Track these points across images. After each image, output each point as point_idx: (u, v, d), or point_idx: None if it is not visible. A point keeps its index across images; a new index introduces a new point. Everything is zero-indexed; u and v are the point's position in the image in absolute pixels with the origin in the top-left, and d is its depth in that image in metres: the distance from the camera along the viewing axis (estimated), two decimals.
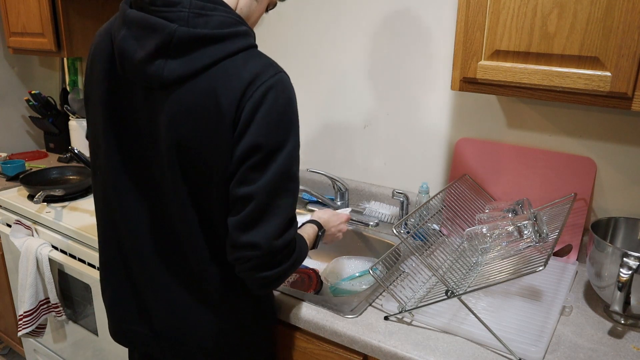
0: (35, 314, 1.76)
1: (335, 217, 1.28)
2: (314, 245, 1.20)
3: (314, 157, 1.84)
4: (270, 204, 0.87)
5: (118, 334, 1.13)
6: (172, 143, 0.89)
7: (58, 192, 1.81)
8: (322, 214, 1.27)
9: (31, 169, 2.14)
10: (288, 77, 0.90)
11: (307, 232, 1.15)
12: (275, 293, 1.22)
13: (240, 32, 0.88)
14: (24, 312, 1.73)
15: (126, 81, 0.92)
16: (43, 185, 1.92)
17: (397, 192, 1.56)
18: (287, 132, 0.88)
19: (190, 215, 0.94)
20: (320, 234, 1.20)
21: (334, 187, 1.67)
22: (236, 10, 0.93)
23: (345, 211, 1.39)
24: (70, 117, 2.31)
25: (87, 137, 1.07)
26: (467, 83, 1.16)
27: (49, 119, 2.37)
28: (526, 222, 1.11)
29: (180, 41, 0.83)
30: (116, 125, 0.97)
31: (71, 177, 2.08)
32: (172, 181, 0.93)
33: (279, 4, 1.22)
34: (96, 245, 1.57)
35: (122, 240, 1.04)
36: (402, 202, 1.57)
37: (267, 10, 1.05)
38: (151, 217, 0.99)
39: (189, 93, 0.85)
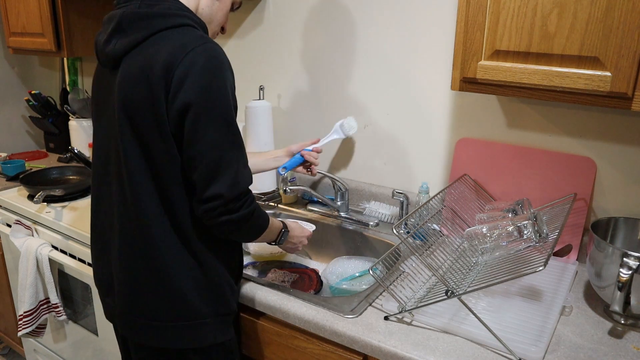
0: (35, 314, 1.76)
1: (300, 230, 1.34)
2: (276, 240, 1.25)
3: None
4: (221, 157, 0.99)
5: (104, 309, 1.23)
6: (120, 105, 1.01)
7: (58, 192, 1.81)
8: (290, 222, 1.33)
9: (31, 169, 2.14)
10: (219, 47, 1.00)
11: (272, 220, 1.20)
12: (275, 293, 1.22)
13: (180, 14, 1.02)
14: (24, 312, 1.73)
15: (103, 68, 1.10)
16: (43, 185, 1.92)
17: (397, 192, 1.56)
18: (219, 93, 0.98)
19: (143, 180, 1.04)
20: (283, 230, 1.26)
21: (334, 187, 1.67)
22: (198, 11, 1.08)
23: (310, 227, 1.44)
24: (70, 117, 2.31)
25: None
26: (467, 83, 1.16)
27: (49, 119, 2.37)
28: (526, 222, 1.11)
29: (127, 20, 1.00)
30: (99, 110, 1.13)
31: (71, 177, 2.08)
32: (123, 146, 1.03)
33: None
34: None
35: (102, 214, 1.16)
36: (402, 202, 1.57)
37: (232, 9, 1.19)
38: (119, 190, 1.08)
39: (133, 60, 1.00)
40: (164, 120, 0.98)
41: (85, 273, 1.62)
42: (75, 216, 1.73)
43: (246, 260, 1.56)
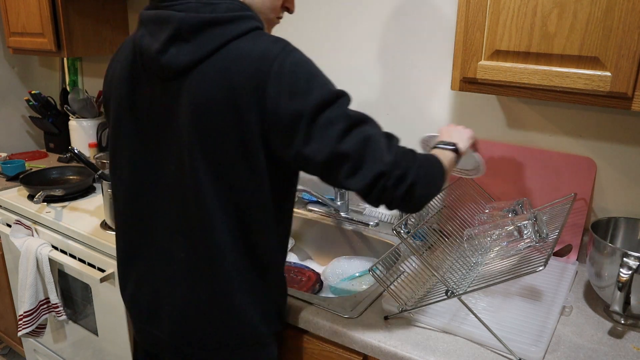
0: (35, 314, 1.76)
1: (458, 129, 1.16)
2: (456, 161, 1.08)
3: None
4: (364, 139, 0.89)
5: (142, 337, 1.13)
6: (191, 129, 0.91)
7: (58, 192, 1.81)
8: (443, 129, 1.15)
9: (31, 169, 2.14)
10: (294, 47, 0.93)
11: (437, 153, 1.04)
12: None
13: (245, 15, 0.91)
14: (24, 312, 1.73)
15: (146, 77, 0.97)
16: (43, 185, 1.92)
17: None
18: (321, 87, 0.90)
19: (216, 206, 0.93)
20: (454, 155, 1.07)
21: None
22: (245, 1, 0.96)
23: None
24: (70, 117, 2.31)
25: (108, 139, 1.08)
26: (467, 83, 1.16)
27: (49, 119, 2.37)
28: (526, 222, 1.11)
29: (189, 27, 0.87)
30: (137, 122, 1.00)
31: (71, 177, 2.08)
32: (191, 169, 0.93)
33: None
34: (96, 245, 1.58)
35: (147, 239, 1.05)
36: None
37: (282, 8, 1.07)
38: (176, 211, 0.99)
39: (203, 76, 0.88)
40: (255, 145, 0.89)
41: (86, 273, 1.61)
42: (75, 216, 1.73)
43: None
